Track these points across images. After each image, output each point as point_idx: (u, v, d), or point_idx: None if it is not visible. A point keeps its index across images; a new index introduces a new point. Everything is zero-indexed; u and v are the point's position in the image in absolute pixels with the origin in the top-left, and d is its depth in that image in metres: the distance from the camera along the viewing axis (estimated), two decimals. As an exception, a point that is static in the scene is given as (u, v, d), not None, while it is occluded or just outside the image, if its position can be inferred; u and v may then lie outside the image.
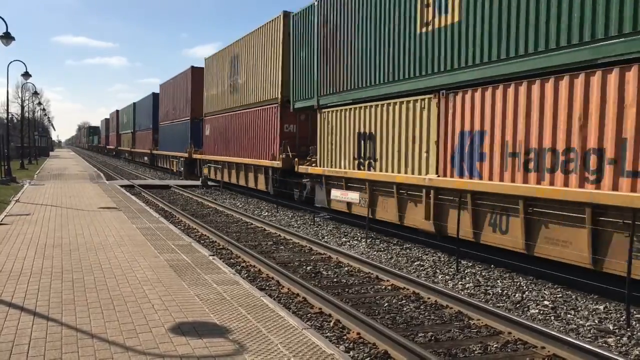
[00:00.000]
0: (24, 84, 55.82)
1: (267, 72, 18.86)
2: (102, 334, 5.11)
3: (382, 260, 10.18)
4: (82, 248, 9.25)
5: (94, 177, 29.94)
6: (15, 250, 8.98)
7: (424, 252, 10.91)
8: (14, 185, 23.87)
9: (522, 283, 8.48)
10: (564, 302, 7.48)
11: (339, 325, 6.36)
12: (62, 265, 7.90)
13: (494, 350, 5.69)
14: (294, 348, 4.91)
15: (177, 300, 6.24)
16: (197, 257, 8.70)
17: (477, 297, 7.73)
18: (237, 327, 5.39)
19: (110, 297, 6.32)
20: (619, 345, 5.98)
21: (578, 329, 6.48)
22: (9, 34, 21.17)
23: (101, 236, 10.47)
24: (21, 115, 49.16)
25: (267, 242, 11.84)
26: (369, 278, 8.72)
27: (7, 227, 11.36)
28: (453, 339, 6.02)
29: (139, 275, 7.39)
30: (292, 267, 9.46)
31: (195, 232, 13.01)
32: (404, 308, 7.13)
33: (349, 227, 14.02)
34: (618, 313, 6.97)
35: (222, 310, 5.92)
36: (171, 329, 5.27)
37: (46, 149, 78.19)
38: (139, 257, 8.61)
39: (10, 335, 5.03)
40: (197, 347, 4.82)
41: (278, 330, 5.36)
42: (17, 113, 62.80)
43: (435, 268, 9.53)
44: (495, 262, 9.37)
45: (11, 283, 6.88)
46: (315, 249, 10.98)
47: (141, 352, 4.70)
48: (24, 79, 35.23)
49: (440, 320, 6.64)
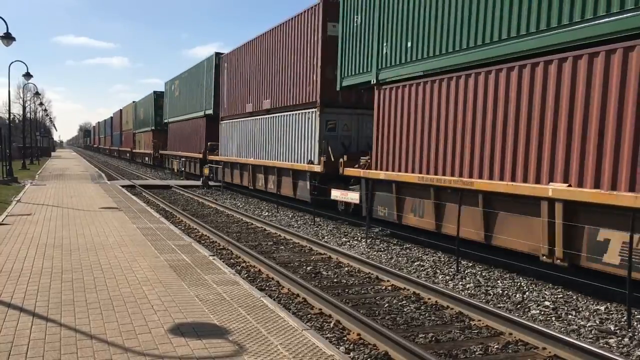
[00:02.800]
0: (26, 84, 55.89)
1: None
2: (101, 335, 5.09)
3: (382, 260, 10.16)
4: (83, 248, 9.25)
5: (95, 177, 29.95)
6: (16, 250, 8.98)
7: (424, 252, 10.89)
8: (16, 185, 23.89)
9: (523, 283, 8.46)
10: (564, 303, 7.46)
11: (339, 326, 6.34)
12: (62, 266, 7.89)
13: (495, 351, 5.67)
14: (294, 349, 4.89)
15: (176, 301, 6.23)
16: (197, 258, 8.69)
17: (477, 297, 7.71)
18: (236, 328, 5.37)
19: (109, 298, 6.31)
20: (621, 346, 5.95)
21: (579, 329, 6.46)
22: (9, 35, 21.17)
23: (102, 236, 10.46)
24: (23, 115, 49.28)
25: (268, 242, 11.83)
26: (369, 278, 8.70)
27: (8, 227, 11.35)
28: (454, 339, 6.00)
29: (139, 276, 7.38)
30: (292, 267, 9.44)
31: (195, 232, 13.00)
32: (405, 309, 7.11)
33: (349, 227, 14.00)
34: (619, 314, 6.95)
35: (221, 311, 5.91)
36: (170, 330, 5.26)
37: (48, 149, 78.33)
38: (139, 257, 8.60)
39: (10, 336, 5.02)
40: (196, 348, 4.80)
41: (278, 331, 5.34)
42: (19, 113, 62.93)
43: (436, 268, 9.51)
44: (496, 262, 9.35)
45: (11, 283, 6.88)
46: (315, 249, 10.96)
47: (140, 353, 4.69)
48: (25, 80, 35.26)
49: (440, 321, 6.62)
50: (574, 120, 7.70)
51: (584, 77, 7.54)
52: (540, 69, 8.20)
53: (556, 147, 7.97)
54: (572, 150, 7.73)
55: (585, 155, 7.55)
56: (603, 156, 7.29)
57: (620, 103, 7.09)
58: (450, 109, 10.08)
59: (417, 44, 10.90)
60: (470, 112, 9.60)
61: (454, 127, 10.02)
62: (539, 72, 8.22)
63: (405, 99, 11.46)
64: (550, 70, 8.05)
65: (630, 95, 6.97)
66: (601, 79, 7.31)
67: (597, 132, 7.36)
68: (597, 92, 7.38)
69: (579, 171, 7.62)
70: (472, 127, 9.59)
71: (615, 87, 7.15)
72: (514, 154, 8.71)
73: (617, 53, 7.10)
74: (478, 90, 9.42)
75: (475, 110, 9.51)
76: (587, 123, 7.52)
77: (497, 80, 9.02)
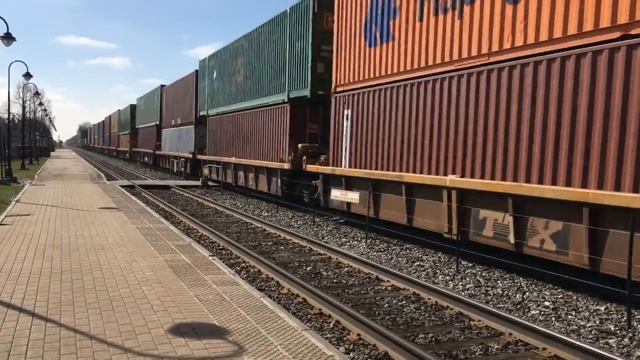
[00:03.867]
0: (25, 84, 55.90)
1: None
2: (100, 335, 5.09)
3: (382, 260, 10.15)
4: (82, 248, 9.24)
5: (95, 177, 29.94)
6: (15, 250, 8.97)
7: (424, 252, 10.89)
8: (15, 185, 23.87)
9: (523, 284, 8.45)
10: (564, 303, 7.46)
11: (339, 327, 6.33)
12: (61, 266, 7.88)
13: (495, 352, 5.67)
14: (293, 349, 4.89)
15: (176, 301, 6.22)
16: (197, 258, 8.68)
17: (477, 297, 7.70)
18: (236, 328, 5.36)
19: (109, 298, 6.30)
20: (621, 346, 5.95)
21: (579, 329, 6.45)
22: (10, 35, 21.17)
23: (101, 236, 10.45)
24: (22, 115, 49.26)
25: (267, 243, 11.82)
26: (369, 278, 8.70)
27: (7, 228, 11.34)
28: (454, 340, 6.00)
29: (139, 276, 7.37)
30: (292, 267, 9.44)
31: (195, 233, 12.99)
32: (404, 309, 7.10)
33: (348, 228, 14.00)
34: (619, 314, 6.94)
35: (221, 311, 5.90)
36: (170, 330, 5.25)
37: (47, 149, 78.25)
38: (138, 257, 8.59)
39: (9, 336, 5.01)
40: (196, 349, 4.80)
41: (278, 332, 5.33)
42: (19, 113, 62.90)
43: (436, 268, 9.51)
44: (496, 262, 9.35)
45: (10, 283, 6.86)
46: (315, 249, 10.95)
47: (140, 353, 4.68)
48: (25, 80, 35.26)
49: (440, 321, 6.61)
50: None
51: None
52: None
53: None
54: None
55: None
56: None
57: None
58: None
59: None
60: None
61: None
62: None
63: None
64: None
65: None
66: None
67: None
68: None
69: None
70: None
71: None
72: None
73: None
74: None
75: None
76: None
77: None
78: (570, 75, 7.71)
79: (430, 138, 10.51)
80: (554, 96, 7.96)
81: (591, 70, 7.42)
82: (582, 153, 7.55)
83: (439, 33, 10.22)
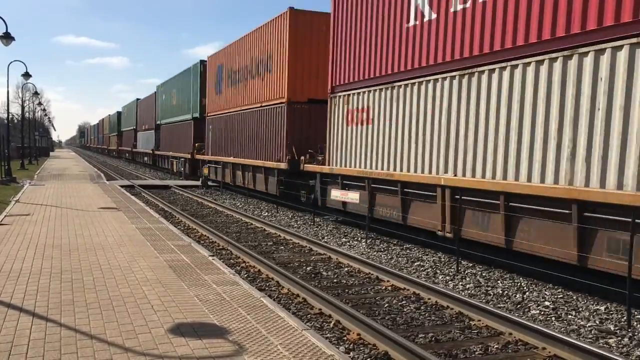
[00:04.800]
0: (24, 84, 55.91)
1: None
2: (101, 335, 5.09)
3: (382, 260, 10.16)
4: (82, 248, 9.24)
5: (94, 177, 29.93)
6: (15, 250, 8.97)
7: (424, 252, 10.89)
8: (14, 185, 23.86)
9: (523, 284, 8.46)
10: (564, 303, 7.46)
11: (339, 326, 6.34)
12: (61, 266, 7.88)
13: (495, 351, 5.67)
14: (293, 349, 4.89)
15: (176, 301, 6.23)
16: (197, 258, 8.68)
17: (477, 297, 7.71)
18: (236, 328, 5.37)
19: (109, 298, 6.30)
20: (620, 346, 5.95)
21: (579, 329, 6.46)
22: (9, 34, 21.15)
23: (101, 236, 10.46)
24: (21, 115, 49.23)
25: (267, 243, 11.83)
26: (369, 278, 8.70)
27: (7, 227, 11.34)
28: (454, 339, 6.00)
29: (139, 276, 7.37)
30: (292, 267, 9.44)
31: (195, 233, 12.99)
32: (405, 309, 7.11)
33: (348, 228, 14.00)
34: (619, 314, 6.95)
35: (221, 311, 5.90)
36: (170, 330, 5.25)
37: (46, 149, 78.27)
38: (138, 257, 8.59)
39: (9, 336, 5.01)
40: (196, 348, 4.80)
41: (278, 331, 5.34)
42: (18, 113, 62.89)
43: (436, 268, 9.51)
44: (496, 262, 9.35)
45: (10, 283, 6.87)
46: (315, 249, 10.96)
47: (140, 352, 4.68)
48: (24, 79, 35.25)
49: (440, 321, 6.62)
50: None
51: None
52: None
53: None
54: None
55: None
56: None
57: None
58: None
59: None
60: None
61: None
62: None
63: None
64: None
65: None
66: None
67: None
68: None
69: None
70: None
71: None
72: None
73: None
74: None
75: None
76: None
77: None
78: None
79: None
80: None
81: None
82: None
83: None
